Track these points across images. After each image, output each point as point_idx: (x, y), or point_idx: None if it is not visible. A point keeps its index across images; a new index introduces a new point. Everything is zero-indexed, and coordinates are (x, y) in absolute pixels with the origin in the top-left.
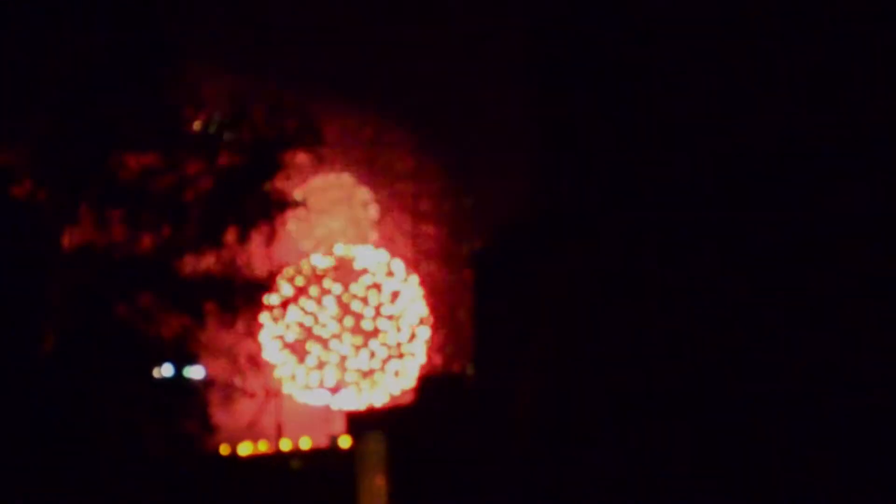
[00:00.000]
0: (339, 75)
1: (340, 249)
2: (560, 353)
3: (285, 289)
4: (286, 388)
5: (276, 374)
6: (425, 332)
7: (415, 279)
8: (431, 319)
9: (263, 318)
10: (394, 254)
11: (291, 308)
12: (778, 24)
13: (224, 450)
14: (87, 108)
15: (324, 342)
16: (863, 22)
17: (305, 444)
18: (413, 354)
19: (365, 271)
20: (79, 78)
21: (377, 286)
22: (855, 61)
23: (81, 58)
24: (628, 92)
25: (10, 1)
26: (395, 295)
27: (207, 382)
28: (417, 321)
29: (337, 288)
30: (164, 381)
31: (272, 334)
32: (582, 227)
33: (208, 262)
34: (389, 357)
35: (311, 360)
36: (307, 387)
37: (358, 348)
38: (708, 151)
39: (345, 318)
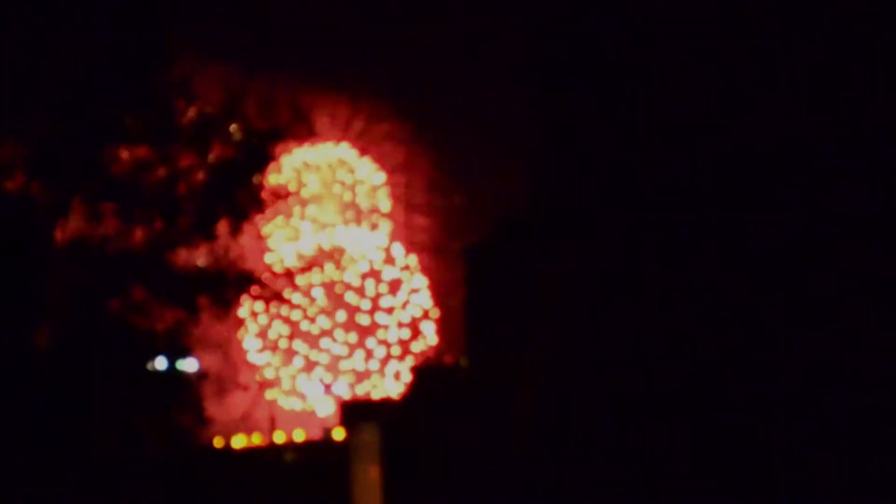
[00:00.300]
0: (333, 68)
1: (332, 233)
2: (559, 352)
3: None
4: (269, 394)
5: (258, 377)
6: (430, 328)
7: (416, 266)
8: (438, 313)
9: (243, 312)
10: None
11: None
12: (778, 24)
13: (218, 442)
14: (80, 102)
15: (312, 340)
16: (863, 22)
17: (299, 436)
18: (417, 354)
19: (361, 258)
20: (71, 73)
21: (375, 274)
22: (855, 61)
23: (75, 53)
24: (628, 92)
25: None
26: (394, 284)
27: (201, 375)
28: (421, 315)
29: (328, 277)
30: (157, 374)
31: (253, 332)
32: (580, 226)
33: (201, 255)
34: (388, 357)
35: (298, 362)
36: (293, 392)
37: (352, 347)
38: (708, 151)
39: (337, 312)
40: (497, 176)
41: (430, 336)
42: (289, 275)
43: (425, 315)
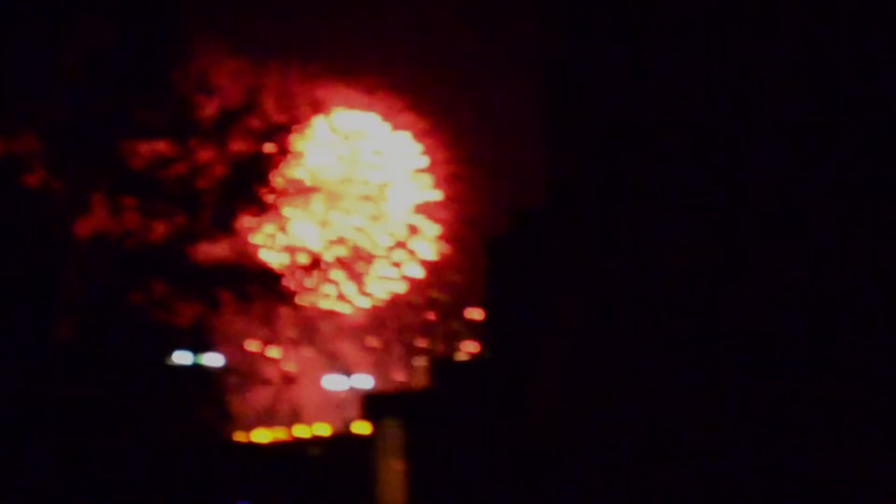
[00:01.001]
0: (346, 57)
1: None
2: (577, 345)
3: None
4: (289, 391)
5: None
6: (456, 320)
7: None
8: (482, 314)
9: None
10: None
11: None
12: (778, 23)
13: (240, 437)
14: (99, 97)
15: (333, 336)
16: (863, 22)
17: (322, 430)
18: (441, 348)
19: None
20: (91, 68)
21: (398, 268)
22: (855, 61)
23: (94, 48)
24: (645, 83)
25: None
26: (423, 280)
27: (224, 370)
28: (446, 308)
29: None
30: (181, 368)
31: (270, 327)
32: (598, 220)
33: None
34: (413, 353)
35: (316, 359)
36: (313, 388)
37: (376, 346)
38: (711, 149)
39: (359, 309)
40: (515, 166)
41: (457, 328)
42: (307, 269)
43: (451, 308)
